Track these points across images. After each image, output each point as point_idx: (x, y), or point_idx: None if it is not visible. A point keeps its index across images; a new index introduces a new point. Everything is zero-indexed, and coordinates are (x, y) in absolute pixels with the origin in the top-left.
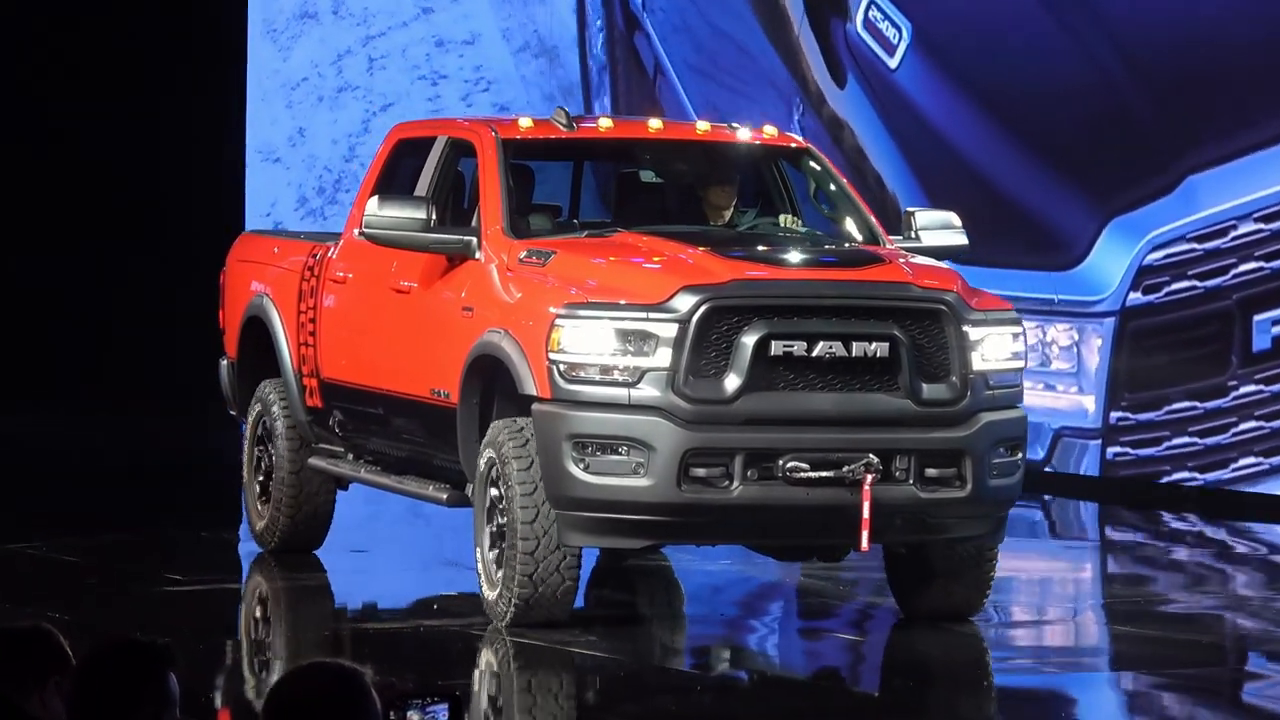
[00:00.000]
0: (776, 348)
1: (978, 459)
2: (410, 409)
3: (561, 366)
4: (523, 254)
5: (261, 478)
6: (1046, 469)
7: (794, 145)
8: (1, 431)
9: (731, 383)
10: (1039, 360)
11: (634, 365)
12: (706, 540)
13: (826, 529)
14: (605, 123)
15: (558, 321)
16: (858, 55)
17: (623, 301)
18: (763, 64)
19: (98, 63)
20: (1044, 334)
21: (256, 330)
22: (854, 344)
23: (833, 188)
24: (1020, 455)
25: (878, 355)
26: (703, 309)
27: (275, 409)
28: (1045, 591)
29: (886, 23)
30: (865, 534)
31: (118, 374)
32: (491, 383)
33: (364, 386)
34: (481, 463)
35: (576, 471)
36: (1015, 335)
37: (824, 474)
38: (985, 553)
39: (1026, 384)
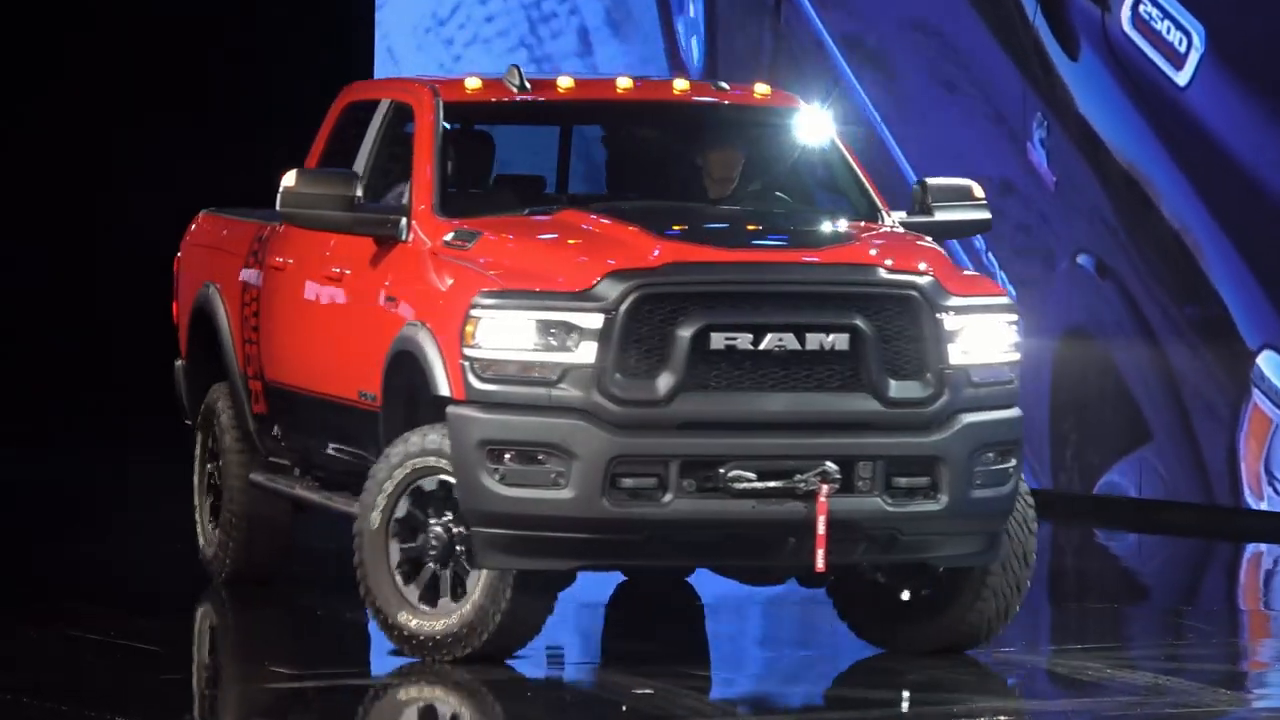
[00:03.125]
0: (717, 340)
1: (956, 466)
2: (342, 414)
3: (476, 364)
4: (448, 236)
5: (212, 497)
6: None
7: (790, 106)
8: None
9: (665, 381)
10: None
11: (555, 361)
12: (638, 561)
13: (776, 548)
14: (565, 82)
15: (472, 313)
16: (1127, 65)
17: (542, 290)
18: (981, 66)
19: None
20: None
21: (205, 326)
22: (808, 335)
23: (831, 156)
24: (1014, 462)
25: (836, 348)
26: (632, 297)
27: (224, 418)
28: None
29: (1168, 23)
30: (821, 553)
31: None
32: (415, 384)
33: (301, 389)
34: (394, 474)
35: (490, 483)
36: (1007, 324)
37: (772, 484)
38: (985, 576)
39: None
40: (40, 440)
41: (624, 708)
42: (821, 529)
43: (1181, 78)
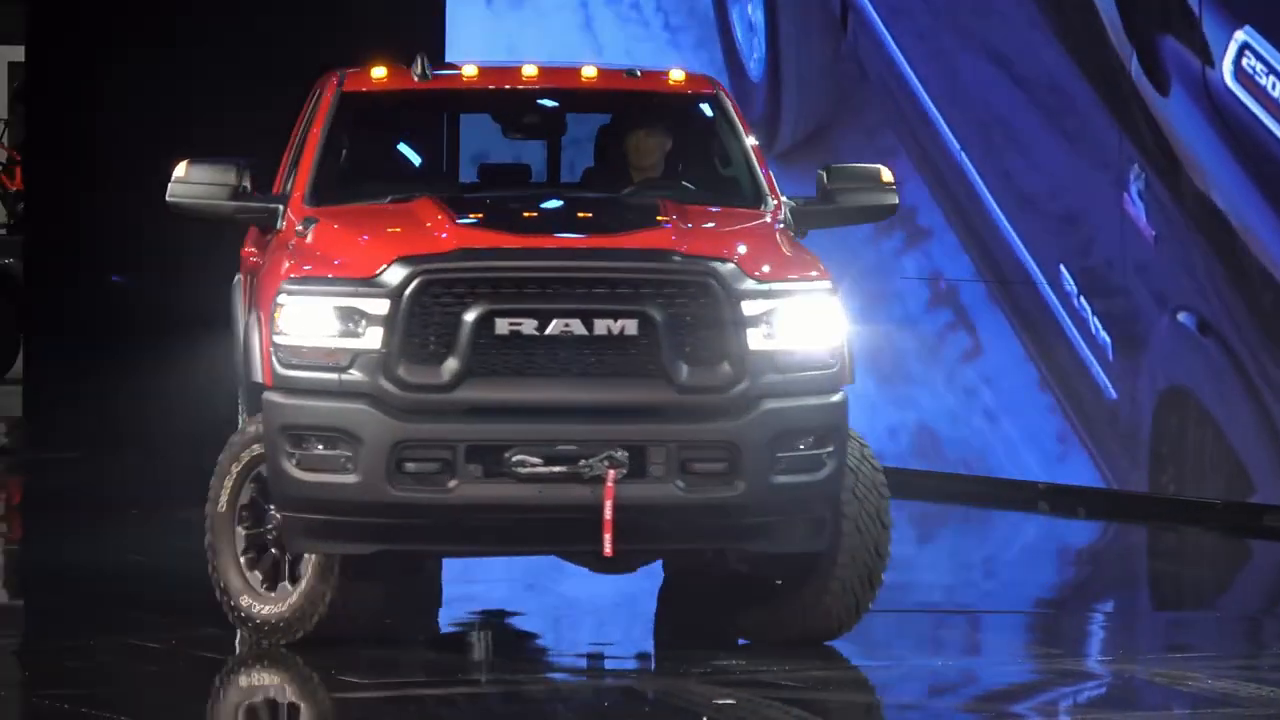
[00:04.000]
0: (502, 326)
1: (755, 453)
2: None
3: (281, 350)
4: (300, 223)
5: None
6: None
7: (703, 91)
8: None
9: (451, 366)
10: None
11: (345, 347)
12: (428, 545)
13: (564, 533)
14: (469, 70)
15: (277, 299)
16: (1229, 117)
17: (335, 276)
18: (1075, 115)
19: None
20: None
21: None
22: (596, 321)
23: (730, 140)
24: (830, 449)
25: (626, 334)
26: (415, 282)
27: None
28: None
29: (1273, 79)
30: (608, 538)
31: None
32: None
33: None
34: (240, 457)
35: (290, 468)
36: (824, 309)
37: (557, 469)
38: (832, 566)
39: None
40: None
41: (704, 719)
42: (609, 514)
43: None
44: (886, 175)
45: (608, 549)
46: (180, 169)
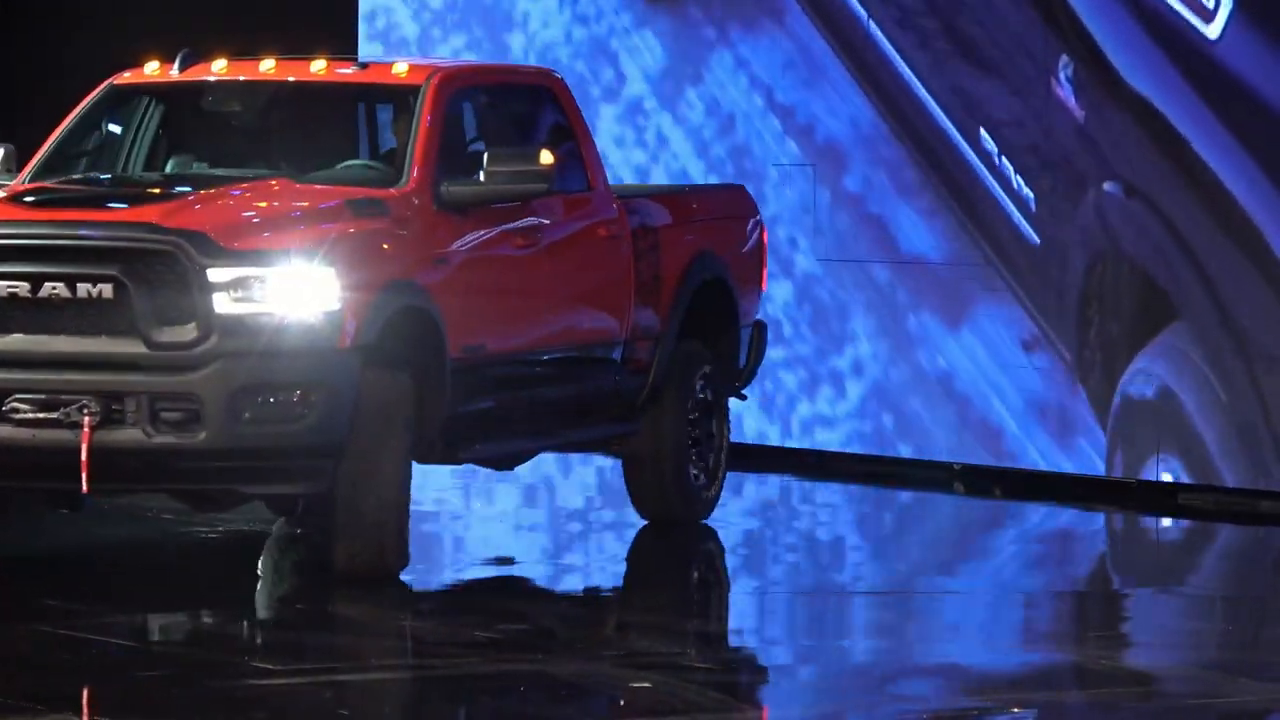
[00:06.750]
0: (2, 288)
1: (217, 404)
2: None
3: None
4: None
5: None
6: None
7: (411, 83)
8: None
9: None
10: None
11: None
12: None
13: (52, 471)
14: (218, 65)
15: None
16: (1157, 20)
17: None
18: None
19: None
20: None
21: None
22: (78, 285)
23: (408, 130)
24: (311, 401)
25: (104, 296)
26: None
27: None
28: None
29: None
30: (84, 476)
31: None
32: None
33: None
34: None
35: None
36: (306, 276)
37: (43, 415)
38: (346, 513)
39: None
40: None
41: (621, 702)
42: (84, 455)
43: (1212, 30)
44: (545, 159)
45: (84, 486)
46: None
